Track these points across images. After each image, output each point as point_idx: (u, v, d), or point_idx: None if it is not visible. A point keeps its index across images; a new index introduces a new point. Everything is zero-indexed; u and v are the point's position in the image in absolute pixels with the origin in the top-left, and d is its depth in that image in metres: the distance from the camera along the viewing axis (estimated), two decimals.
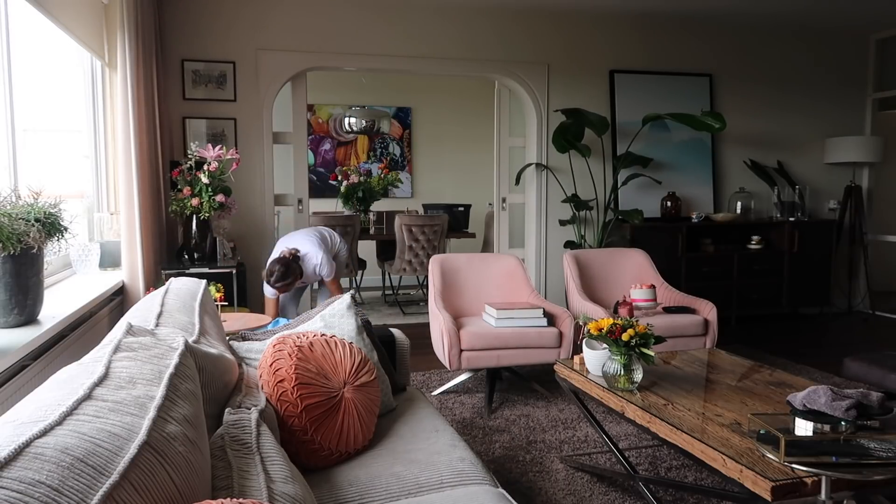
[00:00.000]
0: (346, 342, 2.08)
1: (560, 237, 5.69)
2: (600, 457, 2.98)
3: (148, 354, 1.27)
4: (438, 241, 6.18)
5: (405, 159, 8.07)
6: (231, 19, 4.91)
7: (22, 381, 2.11)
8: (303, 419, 1.81)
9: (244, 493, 1.13)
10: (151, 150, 4.04)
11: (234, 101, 4.92)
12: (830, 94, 6.35)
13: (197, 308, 1.96)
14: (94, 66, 4.02)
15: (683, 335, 3.89)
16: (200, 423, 1.19)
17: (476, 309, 4.02)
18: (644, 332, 2.32)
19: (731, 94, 6.07)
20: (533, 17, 5.53)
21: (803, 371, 4.31)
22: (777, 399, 2.30)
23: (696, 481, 2.72)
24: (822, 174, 6.38)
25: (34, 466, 0.79)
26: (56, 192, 2.41)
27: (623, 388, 2.38)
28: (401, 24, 5.26)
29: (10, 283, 2.11)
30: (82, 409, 0.98)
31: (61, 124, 3.74)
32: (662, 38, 5.85)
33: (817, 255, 5.94)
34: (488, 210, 7.26)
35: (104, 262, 3.75)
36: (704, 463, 1.89)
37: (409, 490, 1.71)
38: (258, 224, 5.06)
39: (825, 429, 1.78)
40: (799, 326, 5.81)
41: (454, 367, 3.58)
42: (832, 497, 1.65)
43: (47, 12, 2.96)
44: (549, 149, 5.59)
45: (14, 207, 2.11)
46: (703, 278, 5.60)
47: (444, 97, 8.02)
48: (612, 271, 4.50)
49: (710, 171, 6.00)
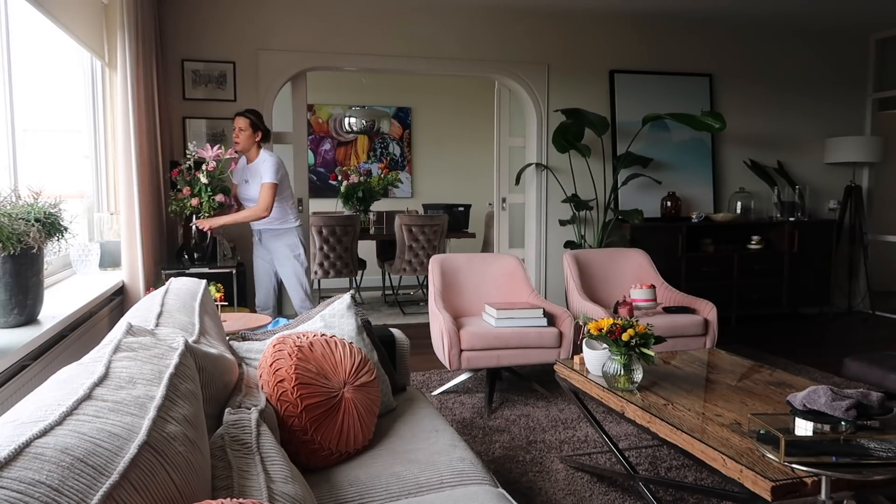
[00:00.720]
0: (346, 342, 2.08)
1: (560, 237, 5.69)
2: (600, 457, 2.98)
3: (148, 354, 1.27)
4: (438, 241, 6.18)
5: (405, 159, 8.07)
6: (231, 19, 4.90)
7: (22, 381, 2.11)
8: (303, 419, 1.81)
9: (244, 493, 1.13)
10: (151, 150, 4.04)
11: (234, 101, 4.92)
12: (830, 94, 6.35)
13: (197, 308, 1.96)
14: (94, 66, 4.01)
15: (683, 335, 3.89)
16: (200, 423, 1.19)
17: (476, 309, 4.02)
18: (644, 332, 2.32)
19: (731, 94, 6.07)
20: (533, 17, 5.53)
21: (803, 371, 4.31)
22: (777, 399, 2.30)
23: (696, 481, 2.72)
24: (822, 174, 6.38)
25: (34, 466, 0.79)
26: (56, 192, 2.41)
27: (623, 388, 2.38)
28: (401, 24, 5.26)
29: (10, 283, 2.11)
30: (82, 409, 0.98)
31: (61, 124, 3.74)
32: (662, 38, 5.85)
33: (817, 255, 5.94)
34: (488, 210, 7.26)
35: (104, 262, 3.75)
36: (704, 463, 1.89)
37: (409, 490, 1.71)
38: None
39: (825, 429, 1.78)
40: (799, 326, 5.81)
41: (454, 367, 3.58)
42: (832, 497, 1.65)
43: (47, 12, 2.96)
44: (549, 149, 5.59)
45: (14, 207, 2.11)
46: (703, 278, 5.60)
47: (444, 97, 8.02)
48: (612, 271, 4.50)
49: (710, 171, 6.00)
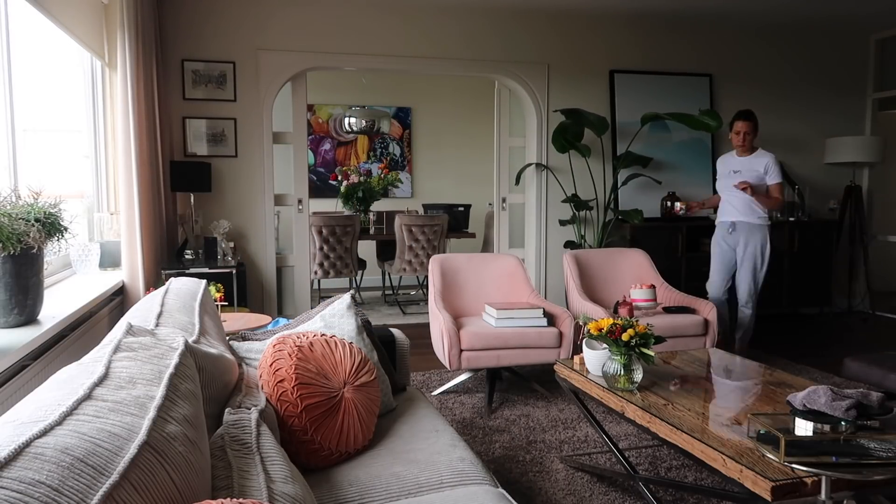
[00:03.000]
0: (346, 342, 2.08)
1: (560, 237, 5.69)
2: (600, 457, 2.98)
3: (148, 354, 1.27)
4: (438, 241, 6.18)
5: (405, 159, 8.07)
6: (231, 19, 4.91)
7: (22, 381, 2.11)
8: (303, 419, 1.81)
9: (244, 493, 1.13)
10: (151, 150, 4.04)
11: (234, 101, 4.92)
12: (830, 94, 6.35)
13: (197, 308, 1.96)
14: (94, 66, 4.02)
15: (683, 335, 3.89)
16: (200, 423, 1.19)
17: (476, 309, 4.02)
18: (644, 332, 2.32)
19: (731, 94, 6.07)
20: (533, 17, 5.53)
21: (803, 371, 4.31)
22: (777, 399, 2.30)
23: (696, 481, 2.72)
24: (822, 174, 6.38)
25: (34, 466, 0.79)
26: (56, 192, 2.41)
27: (623, 388, 2.38)
28: (401, 23, 5.26)
29: (10, 283, 2.11)
30: (82, 409, 0.98)
31: (61, 124, 3.74)
32: (662, 38, 5.85)
33: (817, 255, 5.94)
34: (488, 210, 7.26)
35: (104, 262, 3.75)
36: (704, 463, 1.89)
37: (409, 490, 1.71)
38: (258, 224, 5.06)
39: (825, 429, 1.78)
40: (799, 326, 5.81)
41: (454, 367, 3.58)
42: (832, 497, 1.65)
43: (47, 12, 2.96)
44: (548, 149, 5.59)
45: (14, 207, 2.11)
46: (703, 278, 5.58)
47: (444, 97, 8.02)
48: (612, 271, 4.50)
49: (709, 171, 6.00)
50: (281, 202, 5.20)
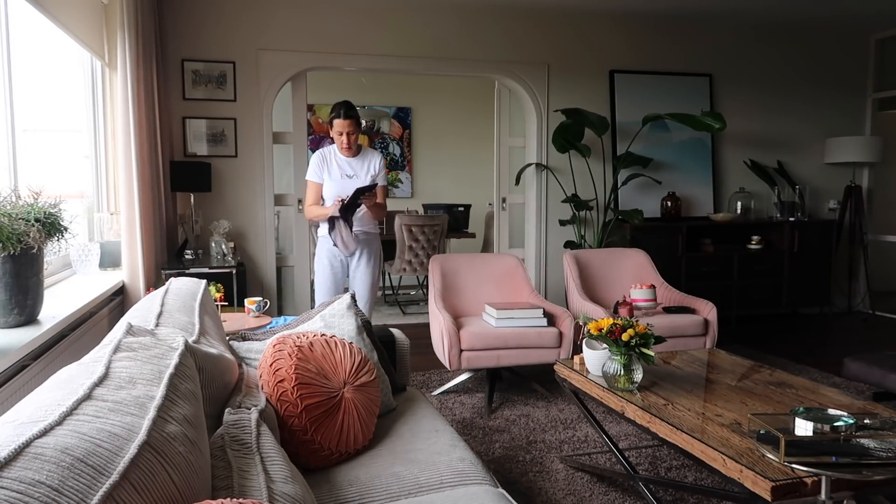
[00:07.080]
0: (346, 342, 2.08)
1: (560, 237, 5.69)
2: (600, 457, 2.98)
3: (148, 354, 1.27)
4: (438, 241, 6.17)
5: (405, 159, 8.07)
6: (231, 19, 4.91)
7: (22, 381, 2.11)
8: (303, 419, 1.81)
9: (244, 493, 1.13)
10: (151, 150, 4.04)
11: (234, 101, 4.92)
12: (830, 94, 6.35)
13: (197, 308, 1.96)
14: (94, 66, 4.02)
15: (683, 335, 3.89)
16: (200, 423, 1.19)
17: (476, 309, 4.02)
18: (644, 332, 2.31)
19: (731, 95, 6.07)
20: (533, 17, 5.53)
21: (803, 371, 4.31)
22: (777, 399, 2.30)
23: (696, 481, 2.72)
24: (822, 174, 6.38)
25: (34, 466, 0.79)
26: (56, 192, 2.41)
27: (623, 388, 2.38)
28: (401, 24, 5.26)
29: (10, 283, 2.11)
30: (82, 409, 0.98)
31: (61, 124, 3.74)
32: (662, 38, 5.85)
33: (817, 255, 5.93)
34: (488, 210, 7.26)
35: (104, 262, 3.75)
36: (704, 463, 1.89)
37: (409, 490, 1.71)
38: (258, 224, 5.05)
39: (825, 429, 1.78)
40: (799, 326, 5.81)
41: (454, 367, 3.58)
42: (832, 497, 1.65)
43: (47, 12, 2.96)
44: (548, 149, 5.59)
45: (14, 207, 2.11)
46: (703, 278, 5.60)
47: (444, 97, 8.02)
48: (611, 271, 4.50)
49: (710, 171, 6.00)
50: (281, 202, 5.19)
